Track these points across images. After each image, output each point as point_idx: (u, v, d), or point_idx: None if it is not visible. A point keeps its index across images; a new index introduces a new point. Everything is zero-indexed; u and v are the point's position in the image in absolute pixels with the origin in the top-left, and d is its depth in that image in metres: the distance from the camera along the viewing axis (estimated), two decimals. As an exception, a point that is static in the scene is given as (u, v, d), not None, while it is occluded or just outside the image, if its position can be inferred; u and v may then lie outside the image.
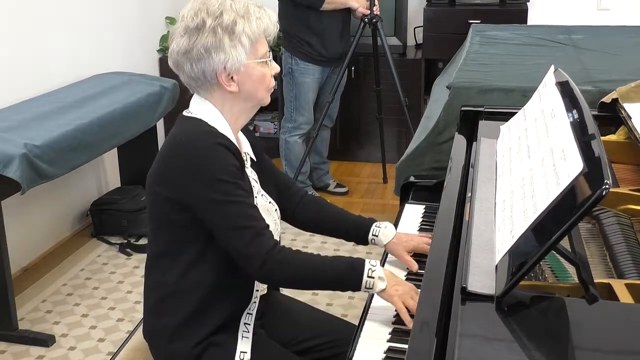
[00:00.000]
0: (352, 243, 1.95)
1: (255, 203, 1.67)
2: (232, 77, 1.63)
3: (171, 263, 1.67)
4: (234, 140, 1.66)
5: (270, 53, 1.69)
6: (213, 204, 1.57)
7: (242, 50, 1.60)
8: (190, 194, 1.58)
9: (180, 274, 1.66)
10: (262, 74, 1.65)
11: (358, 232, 1.90)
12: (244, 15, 1.61)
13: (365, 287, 1.61)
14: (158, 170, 1.65)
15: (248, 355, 1.69)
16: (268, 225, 1.62)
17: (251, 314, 1.73)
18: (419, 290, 1.62)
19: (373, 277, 1.61)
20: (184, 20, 1.63)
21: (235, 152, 1.62)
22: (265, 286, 1.79)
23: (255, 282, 1.71)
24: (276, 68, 1.70)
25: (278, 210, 1.80)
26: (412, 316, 1.55)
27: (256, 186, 1.73)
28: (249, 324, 1.72)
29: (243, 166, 1.66)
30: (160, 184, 1.63)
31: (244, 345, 1.69)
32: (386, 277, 1.62)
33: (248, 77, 1.63)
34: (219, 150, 1.58)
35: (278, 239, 1.75)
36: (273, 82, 1.70)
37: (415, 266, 1.81)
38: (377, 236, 1.88)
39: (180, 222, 1.62)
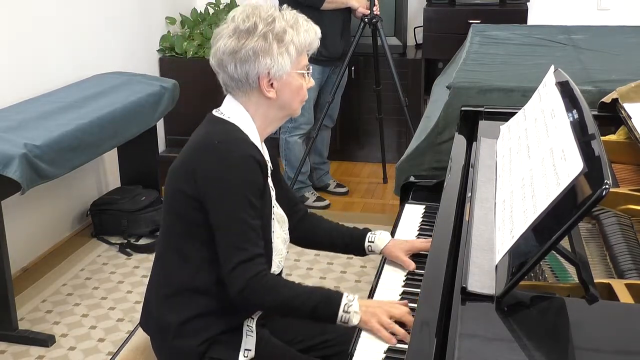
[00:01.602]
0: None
1: (272, 212, 1.70)
2: (272, 84, 1.65)
3: (184, 260, 1.68)
4: (262, 150, 1.69)
5: (311, 67, 1.73)
6: (223, 213, 1.59)
7: (288, 58, 1.64)
8: (208, 195, 1.60)
9: (192, 273, 1.67)
10: (300, 85, 1.69)
11: (353, 242, 1.93)
12: (294, 26, 1.65)
13: (341, 321, 1.60)
14: (183, 166, 1.66)
15: (252, 353, 1.70)
16: (262, 253, 1.62)
17: (253, 318, 1.74)
18: (397, 304, 1.63)
19: (349, 312, 1.59)
20: (235, 21, 1.65)
21: (263, 166, 1.64)
22: None
23: None
24: (312, 82, 1.74)
25: (287, 222, 1.81)
26: (397, 333, 1.55)
27: (273, 195, 1.75)
28: (251, 326, 1.73)
29: (266, 179, 1.67)
30: (184, 180, 1.63)
31: (248, 343, 1.71)
32: (360, 309, 1.59)
33: (287, 86, 1.67)
34: (250, 163, 1.61)
35: (286, 250, 1.79)
36: (307, 96, 1.73)
37: (412, 265, 1.82)
38: (372, 242, 1.90)
39: (197, 220, 1.63)
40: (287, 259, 3.54)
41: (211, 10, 4.81)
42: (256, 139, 1.68)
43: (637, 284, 1.35)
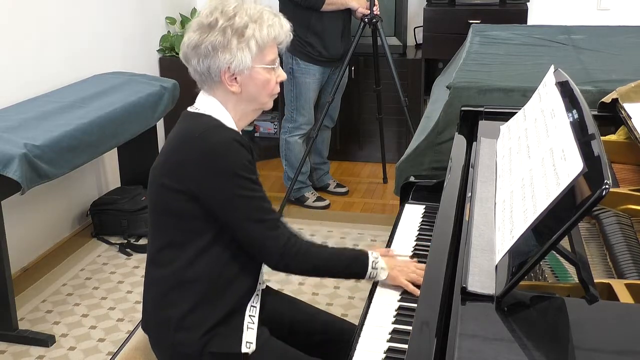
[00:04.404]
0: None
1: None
2: (235, 78, 1.66)
3: (177, 254, 1.69)
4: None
5: (278, 60, 1.72)
6: (231, 198, 1.61)
7: (249, 54, 1.64)
8: (205, 187, 1.62)
9: (185, 265, 1.68)
10: (266, 79, 1.69)
11: None
12: (257, 21, 1.65)
13: (369, 277, 1.74)
14: (167, 162, 1.68)
15: (253, 346, 1.71)
16: (280, 217, 1.69)
17: (255, 307, 1.75)
18: (419, 264, 1.77)
19: (376, 268, 1.74)
20: (200, 16, 1.68)
21: (247, 147, 1.66)
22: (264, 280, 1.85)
23: (260, 274, 1.77)
24: (282, 76, 1.74)
25: None
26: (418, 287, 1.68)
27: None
28: (254, 316, 1.74)
29: (254, 158, 1.70)
30: (170, 177, 1.65)
31: (249, 336, 1.72)
32: (387, 265, 1.75)
33: (251, 81, 1.67)
34: (235, 146, 1.63)
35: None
36: (277, 89, 1.74)
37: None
38: None
39: (189, 212, 1.65)
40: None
41: (211, 10, 4.80)
42: (233, 127, 1.70)
43: (637, 284, 1.35)
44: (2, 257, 2.79)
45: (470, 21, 4.22)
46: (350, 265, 1.74)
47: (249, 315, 1.73)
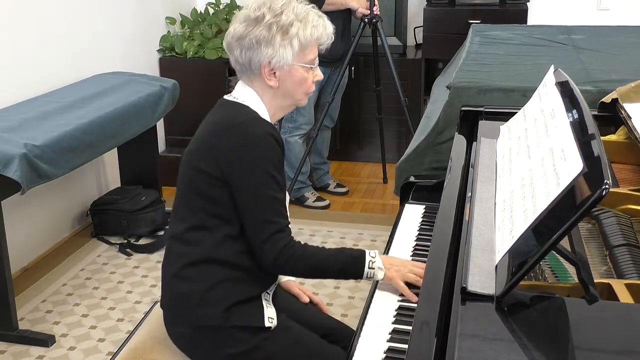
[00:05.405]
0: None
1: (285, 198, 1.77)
2: (274, 73, 1.71)
3: (205, 236, 1.72)
4: None
5: (317, 60, 1.76)
6: (251, 191, 1.66)
7: (290, 51, 1.69)
8: (233, 174, 1.66)
9: (212, 247, 1.71)
10: (303, 77, 1.74)
11: None
12: (302, 20, 1.70)
13: (366, 277, 1.74)
14: (204, 148, 1.71)
15: (275, 322, 1.75)
16: (289, 222, 1.72)
17: (269, 293, 1.80)
18: (417, 263, 1.76)
19: (373, 268, 1.73)
20: (248, 9, 1.72)
21: (280, 144, 1.71)
22: None
23: None
24: (319, 76, 1.78)
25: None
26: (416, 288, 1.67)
27: None
28: (269, 301, 1.79)
29: (283, 155, 1.74)
30: (207, 161, 1.69)
31: (269, 312, 1.76)
32: (384, 265, 1.74)
33: (289, 77, 1.72)
34: (270, 142, 1.67)
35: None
36: (313, 88, 1.78)
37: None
38: None
39: (220, 197, 1.69)
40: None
41: (211, 10, 4.81)
42: (268, 119, 1.74)
43: (637, 284, 1.35)
44: (2, 257, 2.79)
45: (470, 21, 4.22)
46: (346, 265, 1.74)
47: (265, 299, 1.77)
